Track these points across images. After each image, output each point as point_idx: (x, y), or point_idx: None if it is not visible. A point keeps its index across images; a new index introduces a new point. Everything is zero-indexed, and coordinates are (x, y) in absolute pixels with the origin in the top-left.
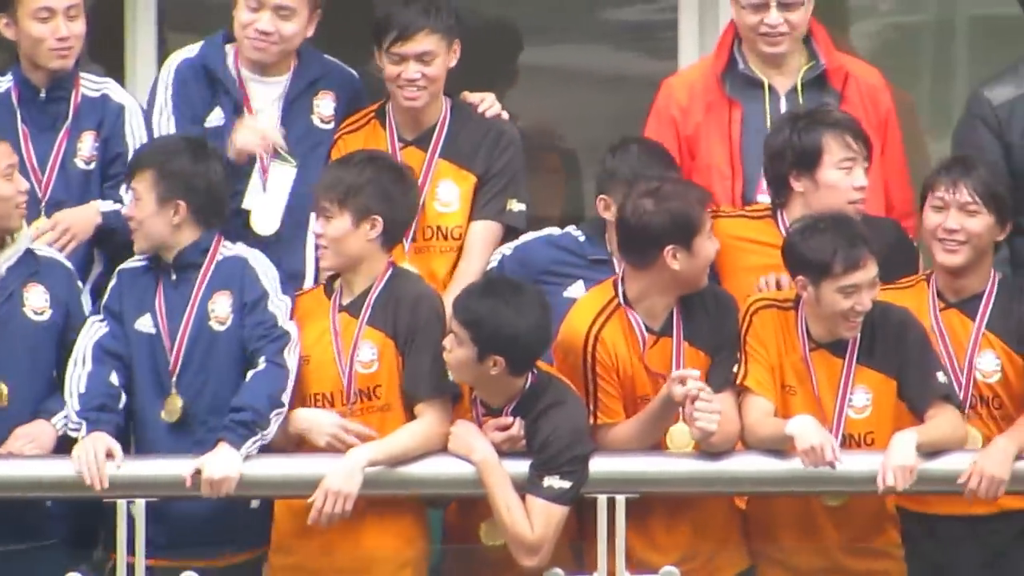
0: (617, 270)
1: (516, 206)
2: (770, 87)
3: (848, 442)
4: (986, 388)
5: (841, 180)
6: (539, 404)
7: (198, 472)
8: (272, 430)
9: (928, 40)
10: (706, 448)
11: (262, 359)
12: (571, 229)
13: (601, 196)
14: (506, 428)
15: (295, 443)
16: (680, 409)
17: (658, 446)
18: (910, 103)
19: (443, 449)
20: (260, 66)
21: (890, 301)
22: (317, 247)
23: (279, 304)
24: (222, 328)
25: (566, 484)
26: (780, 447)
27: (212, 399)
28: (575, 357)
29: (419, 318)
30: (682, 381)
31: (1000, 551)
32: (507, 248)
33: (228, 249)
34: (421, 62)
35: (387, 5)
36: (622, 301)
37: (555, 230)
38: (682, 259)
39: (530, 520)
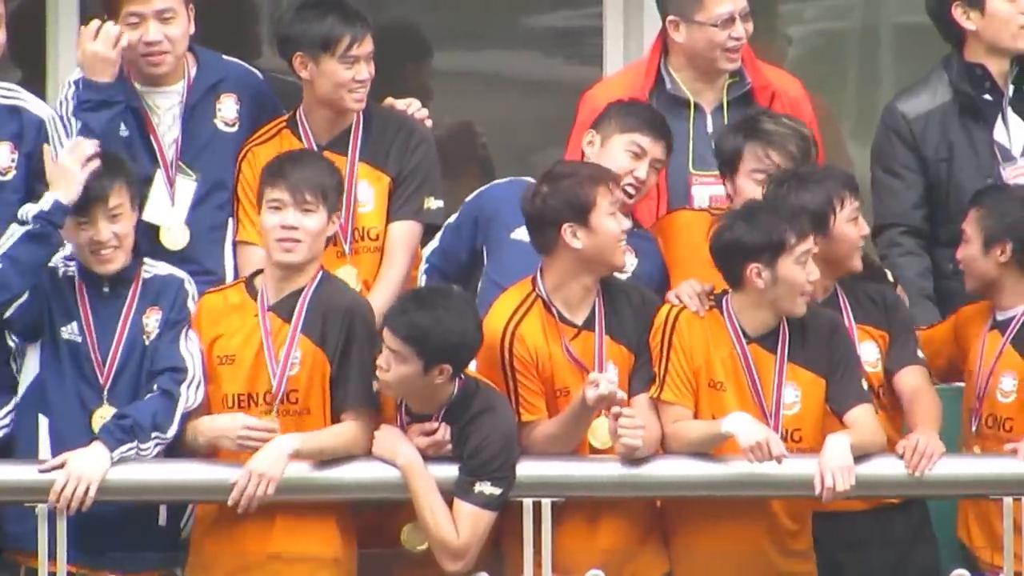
0: None
1: (433, 203)
2: (696, 105)
3: (789, 437)
4: (872, 379)
5: (755, 192)
6: (469, 410)
7: (62, 465)
8: (149, 450)
9: (853, 47)
10: (628, 456)
11: (157, 386)
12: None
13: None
14: (431, 433)
15: (210, 454)
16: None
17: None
18: (829, 111)
19: (365, 455)
20: (154, 78)
21: None
22: (287, 240)
23: (194, 337)
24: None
25: (496, 490)
26: (710, 447)
27: None
28: (494, 356)
29: (351, 330)
30: (596, 384)
31: (903, 552)
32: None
33: (154, 266)
34: (367, 62)
35: (298, 17)
36: (541, 293)
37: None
38: (582, 237)
39: (456, 525)
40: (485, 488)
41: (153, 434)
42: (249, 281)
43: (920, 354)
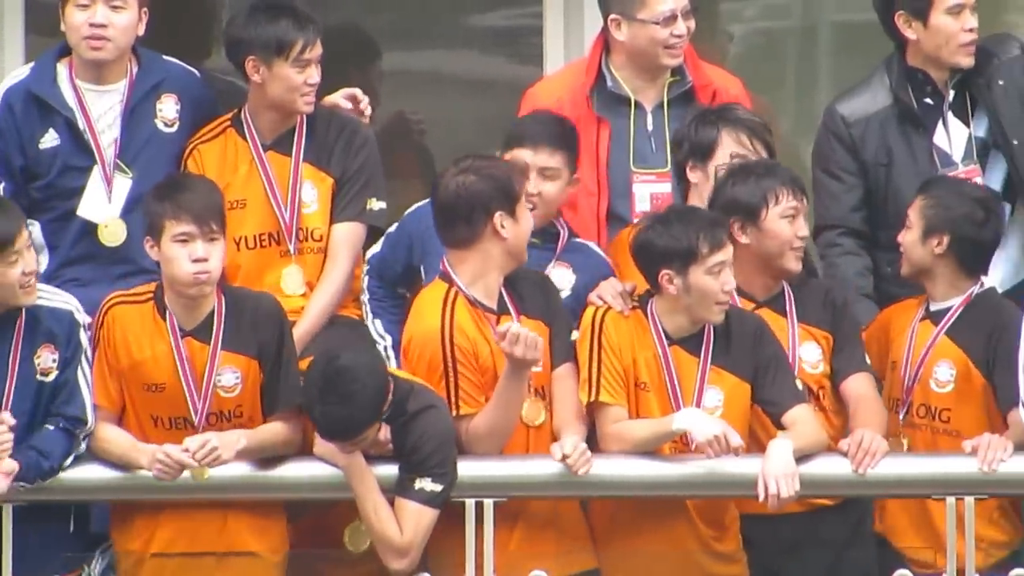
0: None
1: (376, 205)
2: (637, 103)
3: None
4: (812, 380)
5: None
6: (405, 410)
7: None
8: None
9: (792, 46)
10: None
11: (62, 425)
12: None
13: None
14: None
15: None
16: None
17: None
18: (768, 110)
19: (304, 454)
20: (97, 73)
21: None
22: (202, 272)
23: (88, 373)
24: (48, 379)
25: (437, 487)
26: (657, 446)
27: None
28: (433, 353)
29: (271, 334)
30: (503, 336)
31: (839, 554)
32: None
33: (46, 296)
34: (317, 66)
35: (251, 21)
36: (460, 287)
37: None
38: (509, 226)
39: (400, 523)
40: (426, 485)
41: (48, 476)
42: (158, 297)
43: (867, 360)
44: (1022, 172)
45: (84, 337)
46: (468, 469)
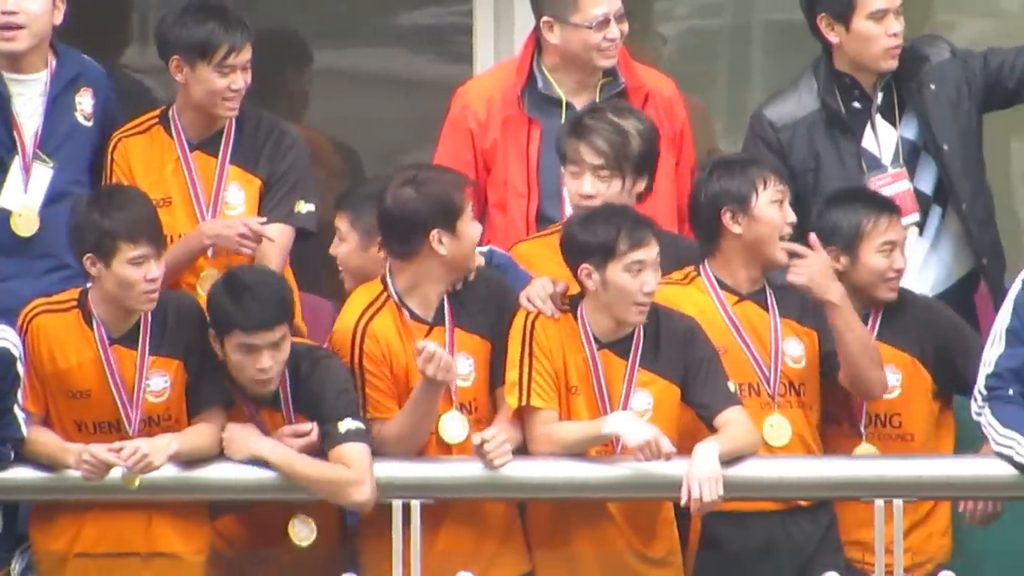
0: None
1: (304, 207)
2: (568, 104)
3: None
4: (794, 375)
5: (569, 184)
6: (300, 371)
7: None
8: None
9: (725, 45)
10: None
11: None
12: None
13: None
14: (304, 434)
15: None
16: (447, 390)
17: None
18: (701, 110)
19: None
20: (14, 62)
21: (673, 298)
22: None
23: (20, 396)
24: None
25: (359, 423)
26: (586, 449)
27: None
28: (345, 352)
29: (194, 334)
30: (419, 352)
31: (810, 557)
32: None
33: None
34: (244, 71)
35: (179, 21)
36: (393, 294)
37: None
38: (448, 243)
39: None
40: (349, 424)
41: None
42: (82, 303)
43: None
44: (952, 177)
45: (20, 368)
46: (395, 470)
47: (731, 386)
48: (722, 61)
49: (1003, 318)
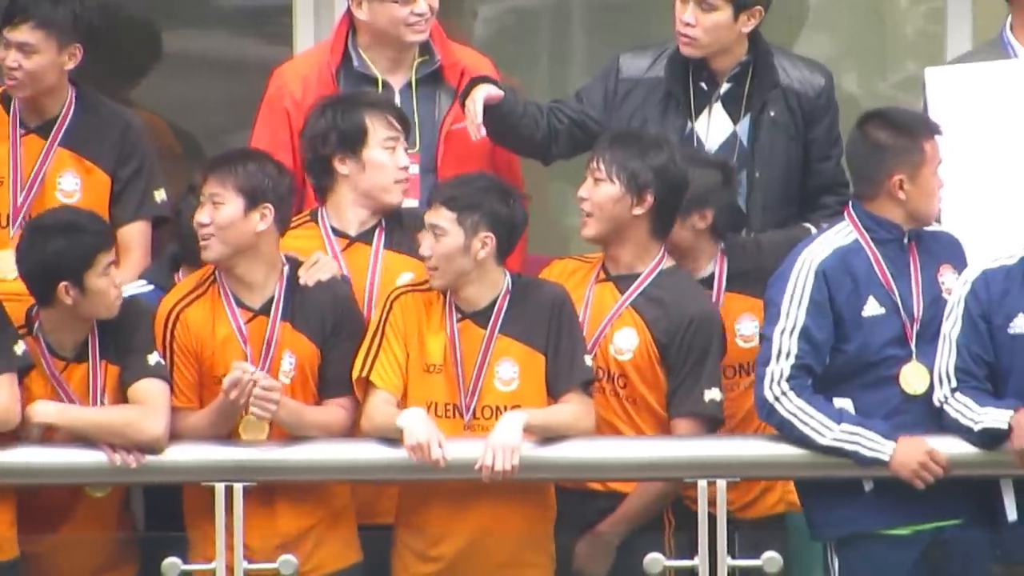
0: None
1: (159, 196)
2: (384, 83)
3: (494, 414)
4: (616, 365)
5: (388, 159)
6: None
7: None
8: None
9: (545, 25)
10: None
11: None
12: None
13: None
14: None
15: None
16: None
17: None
18: (522, 89)
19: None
20: None
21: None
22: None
23: None
24: None
25: (157, 357)
26: (394, 436)
27: None
28: (159, 337)
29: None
30: (233, 370)
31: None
32: None
33: None
34: (22, 52)
35: None
36: (219, 278)
37: None
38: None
39: (152, 401)
40: (159, 358)
41: None
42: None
43: None
44: (751, 201)
45: None
46: (218, 453)
47: (587, 360)
48: (542, 41)
49: (950, 325)
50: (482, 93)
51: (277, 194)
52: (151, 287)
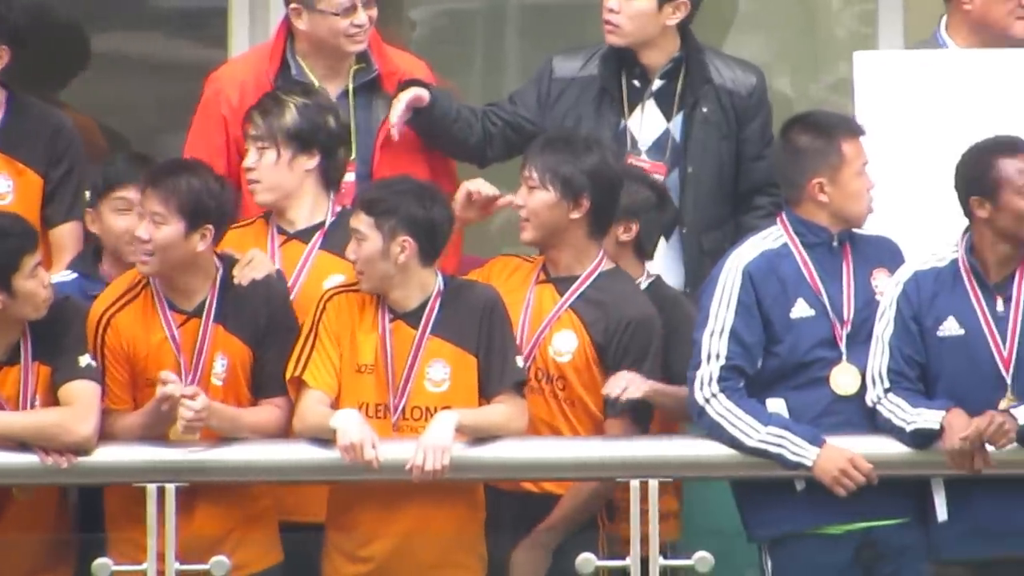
0: None
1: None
2: (321, 90)
3: (423, 415)
4: (554, 367)
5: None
6: (45, 320)
7: None
8: None
9: (480, 27)
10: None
11: None
12: None
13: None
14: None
15: None
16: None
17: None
18: (457, 93)
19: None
20: None
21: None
22: None
23: None
24: None
25: (89, 359)
26: (327, 436)
27: None
28: (91, 341)
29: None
30: (163, 382)
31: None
32: None
33: None
34: None
35: None
36: (150, 281)
37: None
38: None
39: (82, 401)
40: (90, 360)
41: None
42: None
43: None
44: (684, 198)
45: None
46: (149, 454)
47: (519, 362)
48: (477, 44)
49: (883, 326)
50: (408, 96)
51: (219, 212)
52: (75, 275)
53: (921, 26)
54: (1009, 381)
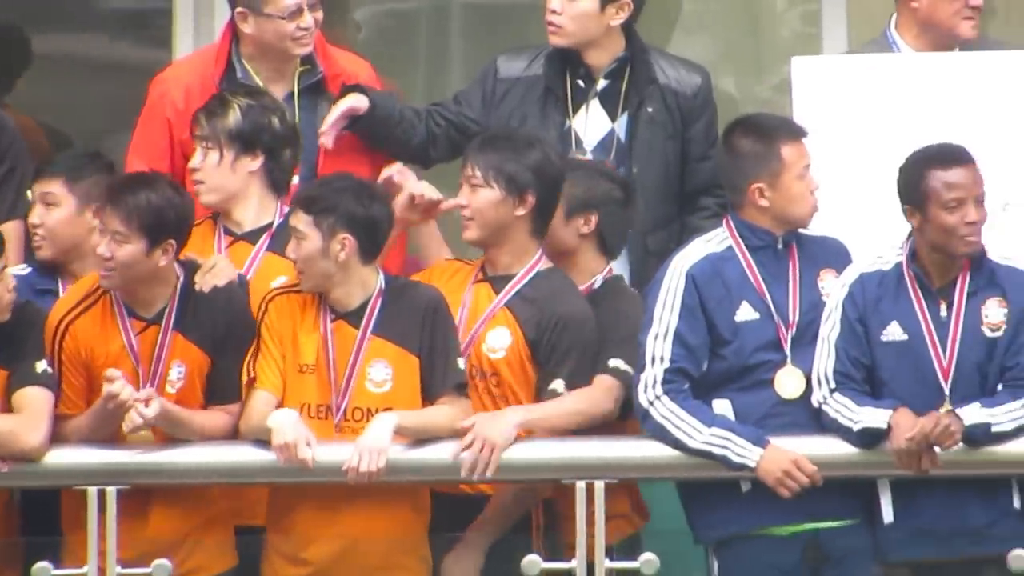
0: None
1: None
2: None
3: (364, 416)
4: (488, 363)
5: None
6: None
7: None
8: None
9: (423, 27)
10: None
11: None
12: None
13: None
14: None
15: None
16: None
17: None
18: (401, 93)
19: None
20: None
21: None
22: None
23: None
24: None
25: (45, 364)
26: (266, 437)
27: None
28: (48, 347)
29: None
30: (109, 380)
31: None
32: None
33: None
34: None
35: None
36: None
37: None
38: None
39: (37, 408)
40: (46, 366)
41: None
42: None
43: None
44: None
45: None
46: (91, 456)
47: (460, 363)
48: (421, 43)
49: (829, 328)
50: (344, 105)
51: (180, 224)
52: (29, 269)
53: (865, 27)
54: (947, 391)
